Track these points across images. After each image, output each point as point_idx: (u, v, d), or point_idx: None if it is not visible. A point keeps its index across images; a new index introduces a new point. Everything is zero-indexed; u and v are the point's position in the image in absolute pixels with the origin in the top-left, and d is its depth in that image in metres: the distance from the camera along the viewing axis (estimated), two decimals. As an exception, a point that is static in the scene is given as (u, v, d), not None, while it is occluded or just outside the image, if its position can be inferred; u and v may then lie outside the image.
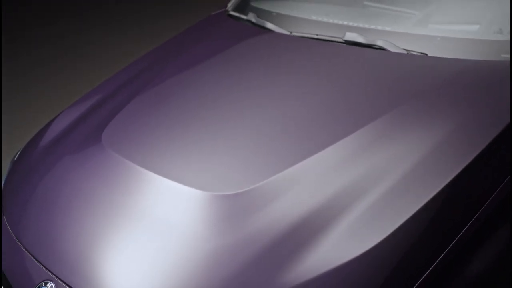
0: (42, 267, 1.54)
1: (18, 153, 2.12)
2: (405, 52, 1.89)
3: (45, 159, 1.91)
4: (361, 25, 2.07)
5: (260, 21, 2.35)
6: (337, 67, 1.91)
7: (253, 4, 2.50)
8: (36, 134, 2.15)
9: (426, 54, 1.86)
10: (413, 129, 1.56)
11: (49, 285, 1.49)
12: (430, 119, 1.57)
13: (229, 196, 1.50)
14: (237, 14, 2.50)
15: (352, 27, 2.08)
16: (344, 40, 2.05)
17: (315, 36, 2.13)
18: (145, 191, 1.59)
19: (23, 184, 1.85)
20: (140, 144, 1.77)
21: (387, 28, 2.00)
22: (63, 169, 1.80)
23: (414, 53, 1.88)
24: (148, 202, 1.56)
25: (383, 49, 1.94)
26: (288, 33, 2.22)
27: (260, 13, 2.41)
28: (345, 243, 1.31)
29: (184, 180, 1.58)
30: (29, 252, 1.60)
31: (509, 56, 1.75)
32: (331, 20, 2.17)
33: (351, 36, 2.03)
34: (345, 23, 2.12)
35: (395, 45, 1.92)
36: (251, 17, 2.40)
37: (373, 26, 2.04)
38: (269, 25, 2.30)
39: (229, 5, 2.63)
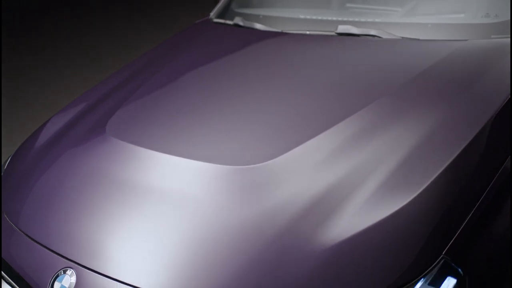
0: (58, 256, 1.47)
1: (12, 154, 2.04)
2: (399, 37, 1.96)
3: (44, 155, 1.85)
4: (351, 19, 2.14)
5: (248, 23, 2.38)
6: (334, 56, 1.96)
7: (237, 10, 2.54)
8: (31, 135, 2.08)
9: (418, 39, 1.93)
10: (420, 104, 1.60)
11: (69, 272, 1.42)
12: (436, 93, 1.63)
13: (253, 168, 1.49)
14: (222, 21, 2.53)
15: (343, 21, 2.14)
16: (337, 33, 2.10)
17: (307, 32, 2.18)
18: (161, 171, 1.56)
19: (23, 181, 1.77)
20: (147, 132, 1.74)
21: (378, 20, 2.07)
22: (67, 161, 1.74)
23: (407, 38, 1.95)
24: (165, 182, 1.52)
25: (377, 36, 2.00)
26: (279, 31, 2.26)
27: (246, 17, 2.45)
28: (370, 208, 1.32)
29: (199, 157, 1.56)
30: (40, 244, 1.52)
31: (499, 36, 1.84)
32: (319, 17, 2.23)
33: (343, 29, 2.09)
34: (335, 18, 2.18)
35: (388, 33, 1.99)
36: (238, 21, 2.43)
37: (363, 19, 2.11)
38: (259, 26, 2.34)
39: (212, 14, 2.66)
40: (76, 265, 1.42)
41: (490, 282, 1.24)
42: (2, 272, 1.55)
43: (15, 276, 1.51)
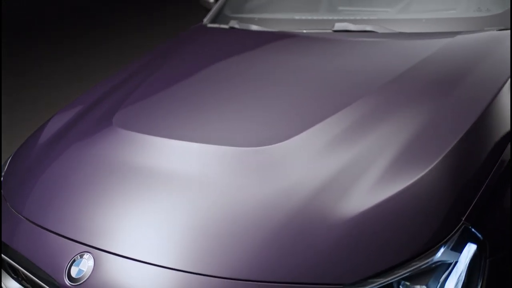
0: (74, 242, 1.45)
1: (14, 152, 2.02)
2: (395, 32, 2.03)
3: (50, 150, 1.83)
4: (346, 17, 2.20)
5: (244, 26, 2.43)
6: (333, 51, 2.01)
7: (231, 15, 2.59)
8: (32, 134, 2.06)
9: (414, 33, 2.00)
10: (425, 89, 1.65)
11: (86, 256, 1.40)
12: (438, 79, 1.68)
13: (268, 148, 1.51)
14: (216, 25, 2.57)
15: (338, 20, 2.20)
16: (334, 30, 2.16)
17: (304, 31, 2.23)
18: (173, 156, 1.57)
19: (30, 174, 1.76)
20: (155, 122, 1.76)
21: (372, 17, 2.14)
22: (75, 153, 1.74)
23: (403, 32, 2.01)
24: (178, 165, 1.53)
25: (373, 31, 2.06)
26: (276, 30, 2.31)
27: (241, 20, 2.49)
28: (388, 180, 1.35)
29: (211, 141, 1.59)
30: (54, 232, 1.50)
31: (492, 28, 1.92)
32: (315, 17, 2.29)
33: (340, 26, 2.15)
34: (331, 17, 2.24)
35: (384, 27, 2.05)
36: (234, 24, 2.47)
37: (358, 17, 2.17)
38: (255, 27, 2.38)
39: (206, 19, 2.70)
40: (93, 249, 1.41)
41: (510, 245, 1.28)
42: (16, 264, 1.52)
43: (30, 267, 1.48)
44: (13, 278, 1.65)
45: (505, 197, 1.33)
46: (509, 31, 1.87)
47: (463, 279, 1.21)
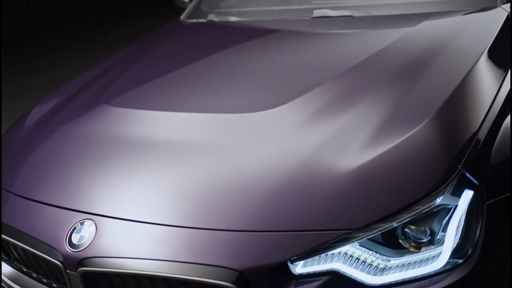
0: (72, 212, 1.44)
1: (2, 136, 1.99)
2: (371, 15, 2.11)
3: (37, 132, 1.82)
4: (323, 5, 2.28)
5: (223, 18, 2.47)
6: (314, 34, 2.07)
7: (208, 10, 2.63)
8: (15, 122, 2.03)
9: (389, 15, 2.09)
10: (412, 57, 1.72)
11: (87, 223, 1.39)
12: (425, 44, 1.76)
13: (264, 113, 1.54)
14: (195, 20, 2.61)
15: (316, 8, 2.27)
16: (313, 17, 2.22)
17: (284, 18, 2.29)
18: (169, 126, 1.59)
19: (20, 154, 1.73)
20: (143, 99, 1.78)
21: (350, 4, 2.22)
22: (65, 131, 1.73)
23: (380, 15, 2.10)
24: (177, 133, 1.55)
25: (351, 16, 2.14)
26: (256, 19, 2.36)
27: (219, 14, 2.54)
28: (387, 133, 1.40)
29: (204, 111, 1.62)
30: (51, 204, 1.49)
31: (468, 9, 2.02)
32: (293, 7, 2.35)
33: (319, 12, 2.21)
34: (308, 7, 2.31)
35: (361, 11, 2.13)
36: (212, 17, 2.51)
37: (337, 4, 2.25)
38: (234, 19, 2.43)
39: (183, 16, 2.73)
40: (94, 216, 1.40)
41: (505, 189, 1.33)
42: (15, 240, 1.49)
43: (29, 241, 1.45)
44: (9, 261, 1.62)
45: (498, 145, 1.40)
46: (480, 13, 1.97)
47: (463, 221, 1.26)
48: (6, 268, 1.63)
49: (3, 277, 1.61)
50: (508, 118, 1.49)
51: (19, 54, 7.39)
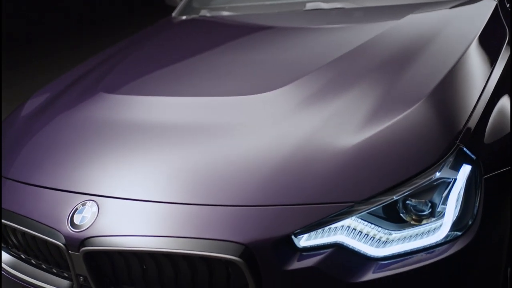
0: (74, 194, 1.44)
1: None
2: (362, 6, 2.15)
3: (34, 121, 1.82)
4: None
5: (216, 13, 2.49)
6: (307, 26, 2.10)
7: (200, 6, 2.65)
8: (13, 110, 2.03)
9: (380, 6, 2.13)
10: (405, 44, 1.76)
11: (89, 203, 1.39)
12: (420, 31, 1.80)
13: (278, 91, 1.58)
14: (187, 17, 2.62)
15: (308, 1, 2.31)
16: (305, 10, 2.26)
17: (277, 11, 2.32)
18: (164, 110, 1.61)
19: (17, 142, 1.73)
20: (139, 87, 1.81)
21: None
22: (63, 118, 1.75)
23: (372, 6, 2.14)
24: (172, 116, 1.57)
25: (343, 8, 2.18)
26: (249, 13, 2.39)
27: (212, 9, 2.56)
28: (386, 111, 1.42)
29: (210, 94, 1.64)
30: (51, 188, 1.48)
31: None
32: (285, 1, 2.39)
33: (312, 5, 2.25)
34: (300, 0, 2.34)
35: (353, 3, 2.17)
36: (205, 13, 2.54)
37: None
38: (226, 13, 2.45)
39: (174, 13, 2.74)
40: (96, 197, 1.40)
41: (502, 164, 1.37)
42: (15, 225, 1.49)
43: (30, 224, 1.45)
44: (7, 248, 1.61)
45: (494, 123, 1.43)
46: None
47: (462, 194, 1.28)
48: (5, 256, 1.62)
49: (3, 265, 1.60)
50: (503, 99, 1.52)
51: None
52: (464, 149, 1.32)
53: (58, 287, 1.48)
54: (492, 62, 1.67)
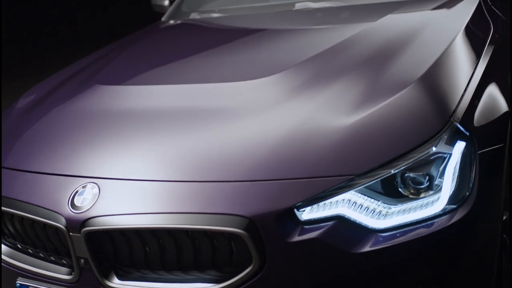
0: (74, 178, 1.44)
1: None
2: (350, 5, 2.22)
3: (30, 112, 1.83)
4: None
5: (206, 15, 2.53)
6: (296, 24, 2.15)
7: (190, 10, 2.69)
8: (9, 105, 2.03)
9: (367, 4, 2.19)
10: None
11: (89, 185, 1.39)
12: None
13: (281, 74, 1.61)
14: (175, 21, 2.66)
15: (297, 1, 2.36)
16: (294, 10, 2.31)
17: (267, 12, 2.37)
18: (161, 97, 1.64)
19: (14, 132, 1.74)
20: (134, 79, 1.83)
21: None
22: (60, 108, 1.76)
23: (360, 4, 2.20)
24: (170, 103, 1.59)
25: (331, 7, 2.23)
26: (239, 14, 2.43)
27: (202, 12, 2.60)
28: (381, 91, 1.46)
29: (208, 81, 1.67)
30: (51, 173, 1.49)
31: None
32: (275, 2, 2.44)
33: (301, 5, 2.30)
34: (289, 1, 2.39)
35: (341, 2, 2.23)
36: (195, 16, 2.57)
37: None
38: (216, 15, 2.49)
39: (164, 18, 2.77)
40: (97, 179, 1.41)
41: (495, 139, 1.41)
42: (13, 210, 1.48)
43: (29, 208, 1.44)
44: (4, 238, 1.60)
45: (485, 104, 1.48)
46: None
47: (458, 169, 1.32)
48: (2, 247, 1.60)
49: (3, 256, 1.58)
50: (491, 85, 1.58)
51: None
52: (458, 125, 1.36)
53: (56, 274, 1.47)
54: (479, 51, 1.72)
